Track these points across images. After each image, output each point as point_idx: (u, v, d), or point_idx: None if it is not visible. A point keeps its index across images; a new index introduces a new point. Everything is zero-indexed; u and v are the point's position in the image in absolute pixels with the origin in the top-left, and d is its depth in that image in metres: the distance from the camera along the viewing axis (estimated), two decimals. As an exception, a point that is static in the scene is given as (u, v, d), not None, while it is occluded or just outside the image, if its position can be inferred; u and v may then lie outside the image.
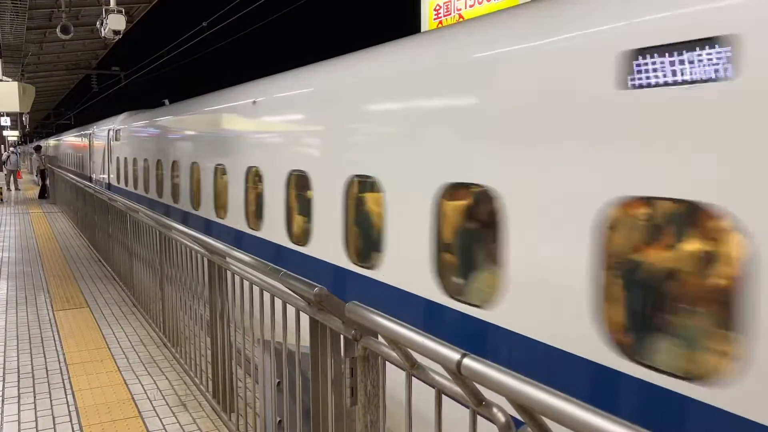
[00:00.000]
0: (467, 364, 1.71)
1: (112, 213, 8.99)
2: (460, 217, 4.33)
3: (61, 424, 4.34)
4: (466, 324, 4.00)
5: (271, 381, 3.50)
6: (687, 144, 2.74)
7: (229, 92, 9.37)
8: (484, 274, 4.03)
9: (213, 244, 4.13)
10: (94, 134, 22.22)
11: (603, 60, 3.12)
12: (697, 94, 2.69)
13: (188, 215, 10.31)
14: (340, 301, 2.63)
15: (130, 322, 6.91)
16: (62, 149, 35.98)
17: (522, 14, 4.01)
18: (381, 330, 2.21)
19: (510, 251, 3.70)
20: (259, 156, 7.64)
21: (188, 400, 4.76)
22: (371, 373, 2.46)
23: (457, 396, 1.91)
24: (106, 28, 10.11)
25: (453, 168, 4.20)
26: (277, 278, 3.04)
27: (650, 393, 2.84)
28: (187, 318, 5.19)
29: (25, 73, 22.03)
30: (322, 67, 6.58)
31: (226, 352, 4.29)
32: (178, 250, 5.20)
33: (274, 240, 6.88)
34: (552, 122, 3.45)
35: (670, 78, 2.77)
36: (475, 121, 4.06)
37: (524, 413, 1.58)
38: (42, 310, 7.40)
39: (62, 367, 5.45)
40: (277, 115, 7.36)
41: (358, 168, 5.33)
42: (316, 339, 2.88)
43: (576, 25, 3.40)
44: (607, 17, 3.19)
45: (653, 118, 2.89)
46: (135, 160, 15.05)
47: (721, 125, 2.62)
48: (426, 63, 4.68)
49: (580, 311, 3.20)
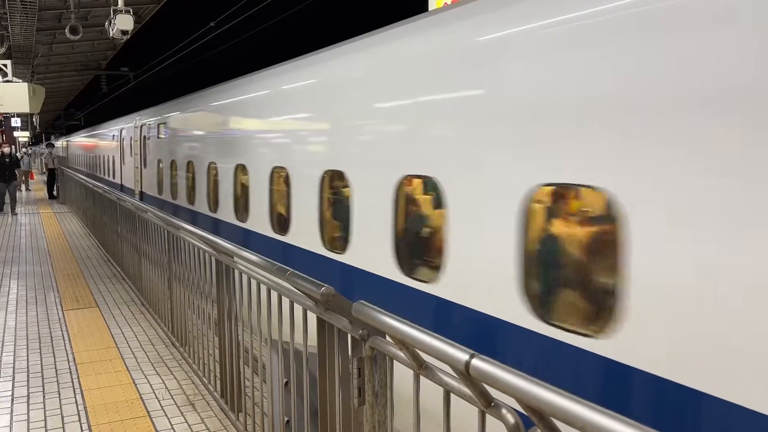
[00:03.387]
0: (476, 364, 1.68)
1: (121, 213, 9.02)
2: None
3: (70, 423, 4.35)
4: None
5: (278, 381, 3.48)
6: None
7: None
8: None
9: (221, 244, 4.12)
10: (124, 132, 16.63)
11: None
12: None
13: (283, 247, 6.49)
14: (347, 301, 2.62)
15: (138, 322, 6.93)
16: (81, 151, 28.88)
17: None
18: (388, 330, 2.18)
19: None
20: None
21: (196, 400, 4.76)
22: (379, 373, 2.44)
23: (466, 397, 1.88)
24: (114, 29, 10.14)
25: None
26: (284, 277, 3.03)
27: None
28: (195, 317, 5.19)
29: (35, 74, 22.16)
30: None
31: (234, 352, 4.28)
32: (187, 249, 5.21)
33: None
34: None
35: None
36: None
37: (534, 414, 1.55)
38: (51, 310, 7.43)
39: (71, 367, 5.47)
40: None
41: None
42: (323, 339, 2.87)
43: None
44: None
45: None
46: (174, 162, 11.14)
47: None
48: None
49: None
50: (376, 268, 4.76)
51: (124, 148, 16.74)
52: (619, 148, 2.89)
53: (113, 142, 18.70)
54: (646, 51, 2.81)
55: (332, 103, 5.65)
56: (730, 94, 2.47)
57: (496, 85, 3.70)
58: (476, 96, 3.87)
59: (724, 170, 2.48)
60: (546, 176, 3.29)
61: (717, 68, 2.53)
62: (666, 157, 2.69)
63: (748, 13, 2.44)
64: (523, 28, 3.58)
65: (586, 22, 3.14)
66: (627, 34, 2.90)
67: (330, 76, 5.85)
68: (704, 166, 2.54)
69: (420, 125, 4.38)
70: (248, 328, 3.94)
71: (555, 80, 3.27)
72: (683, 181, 2.61)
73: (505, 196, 3.52)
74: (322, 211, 5.68)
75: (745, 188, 2.39)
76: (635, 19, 2.88)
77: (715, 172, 2.50)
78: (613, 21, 2.98)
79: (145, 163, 13.70)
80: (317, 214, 5.70)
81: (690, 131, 2.61)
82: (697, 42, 2.61)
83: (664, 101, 2.71)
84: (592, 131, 3.04)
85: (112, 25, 10.20)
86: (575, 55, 3.17)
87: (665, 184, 2.68)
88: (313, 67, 6.26)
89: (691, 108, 2.61)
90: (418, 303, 4.28)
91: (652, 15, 2.80)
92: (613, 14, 2.99)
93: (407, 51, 4.74)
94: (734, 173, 2.44)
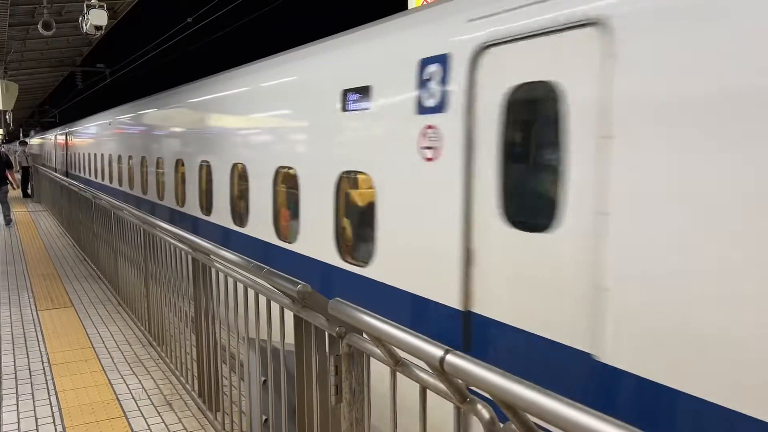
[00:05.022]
0: (450, 360, 1.69)
1: (97, 211, 8.89)
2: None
3: (44, 425, 4.28)
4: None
5: (256, 379, 3.46)
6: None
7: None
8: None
9: (197, 242, 4.09)
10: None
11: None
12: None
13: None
14: (323, 298, 2.61)
15: (115, 321, 6.84)
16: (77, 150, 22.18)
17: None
18: (364, 327, 2.18)
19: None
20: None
21: (174, 400, 4.72)
22: (356, 370, 2.43)
23: (442, 393, 1.89)
24: (88, 24, 9.96)
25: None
26: (261, 275, 3.01)
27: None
28: (172, 316, 5.14)
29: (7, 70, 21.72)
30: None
31: (211, 351, 4.25)
32: (163, 248, 5.15)
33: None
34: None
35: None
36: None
37: (508, 410, 1.56)
38: (25, 310, 7.31)
39: (45, 368, 5.38)
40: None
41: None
42: (300, 336, 2.85)
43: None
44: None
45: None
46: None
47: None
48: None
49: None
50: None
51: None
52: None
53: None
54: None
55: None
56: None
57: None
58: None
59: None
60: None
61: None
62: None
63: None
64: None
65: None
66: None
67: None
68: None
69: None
70: (226, 326, 3.91)
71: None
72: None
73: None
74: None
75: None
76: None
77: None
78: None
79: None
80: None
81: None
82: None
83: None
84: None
85: (85, 20, 10.01)
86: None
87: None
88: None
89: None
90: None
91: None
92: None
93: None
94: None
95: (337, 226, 4.96)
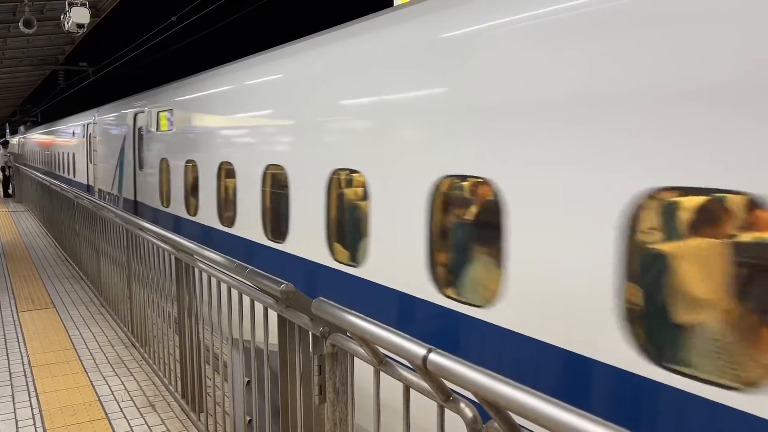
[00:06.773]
0: (433, 359, 1.68)
1: (79, 211, 8.79)
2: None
3: (25, 427, 4.22)
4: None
5: (240, 379, 3.44)
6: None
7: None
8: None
9: (180, 242, 4.05)
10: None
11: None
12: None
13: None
14: (307, 298, 2.59)
15: (97, 322, 6.76)
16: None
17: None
18: (348, 326, 2.17)
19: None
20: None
21: (157, 401, 4.67)
22: (340, 370, 2.42)
23: (425, 391, 1.88)
24: (70, 22, 9.83)
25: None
26: (244, 275, 2.99)
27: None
28: (155, 317, 5.09)
29: (-12, 68, 21.42)
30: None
31: (195, 351, 4.22)
32: (146, 248, 5.10)
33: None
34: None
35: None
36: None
37: (491, 408, 1.56)
38: (5, 311, 7.20)
39: (26, 370, 5.31)
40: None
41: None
42: (284, 336, 2.84)
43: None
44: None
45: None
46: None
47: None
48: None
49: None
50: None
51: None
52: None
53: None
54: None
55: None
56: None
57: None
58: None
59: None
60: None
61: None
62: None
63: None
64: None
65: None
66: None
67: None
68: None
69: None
70: (209, 326, 3.88)
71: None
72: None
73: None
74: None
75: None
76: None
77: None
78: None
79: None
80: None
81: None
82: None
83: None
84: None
85: (67, 18, 9.89)
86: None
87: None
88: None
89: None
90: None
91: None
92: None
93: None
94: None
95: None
